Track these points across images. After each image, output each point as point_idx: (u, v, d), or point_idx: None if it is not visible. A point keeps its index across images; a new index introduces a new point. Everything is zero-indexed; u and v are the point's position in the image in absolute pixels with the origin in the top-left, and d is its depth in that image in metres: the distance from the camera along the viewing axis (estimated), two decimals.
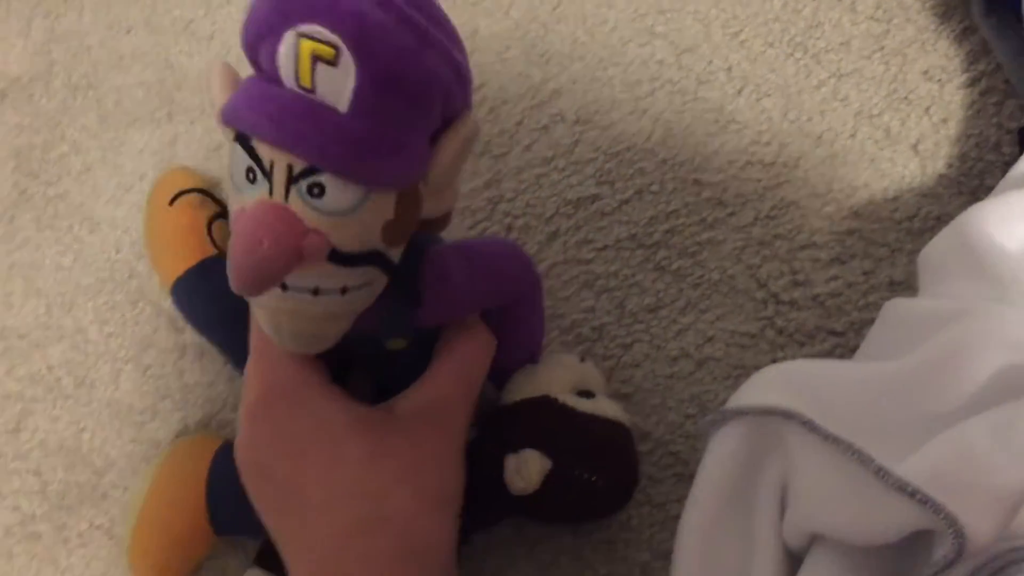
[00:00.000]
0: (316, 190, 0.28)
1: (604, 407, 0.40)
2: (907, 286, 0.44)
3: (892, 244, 0.45)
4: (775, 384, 0.36)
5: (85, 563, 0.47)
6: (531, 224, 0.49)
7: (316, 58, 0.26)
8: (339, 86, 0.27)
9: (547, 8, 0.54)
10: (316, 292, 0.30)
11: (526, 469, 0.37)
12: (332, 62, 0.26)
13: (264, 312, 0.32)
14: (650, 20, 0.53)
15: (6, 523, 0.48)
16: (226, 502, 0.41)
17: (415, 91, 0.28)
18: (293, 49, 0.27)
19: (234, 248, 0.28)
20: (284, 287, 0.30)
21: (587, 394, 0.40)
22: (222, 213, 0.31)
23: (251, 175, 0.29)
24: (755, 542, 0.35)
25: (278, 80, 0.28)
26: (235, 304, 0.45)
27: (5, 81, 0.60)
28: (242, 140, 0.29)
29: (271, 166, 0.28)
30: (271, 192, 0.28)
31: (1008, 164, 0.44)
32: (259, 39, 0.28)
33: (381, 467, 0.34)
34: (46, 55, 0.60)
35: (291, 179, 0.28)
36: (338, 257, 0.29)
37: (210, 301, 0.46)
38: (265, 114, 0.28)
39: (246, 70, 0.30)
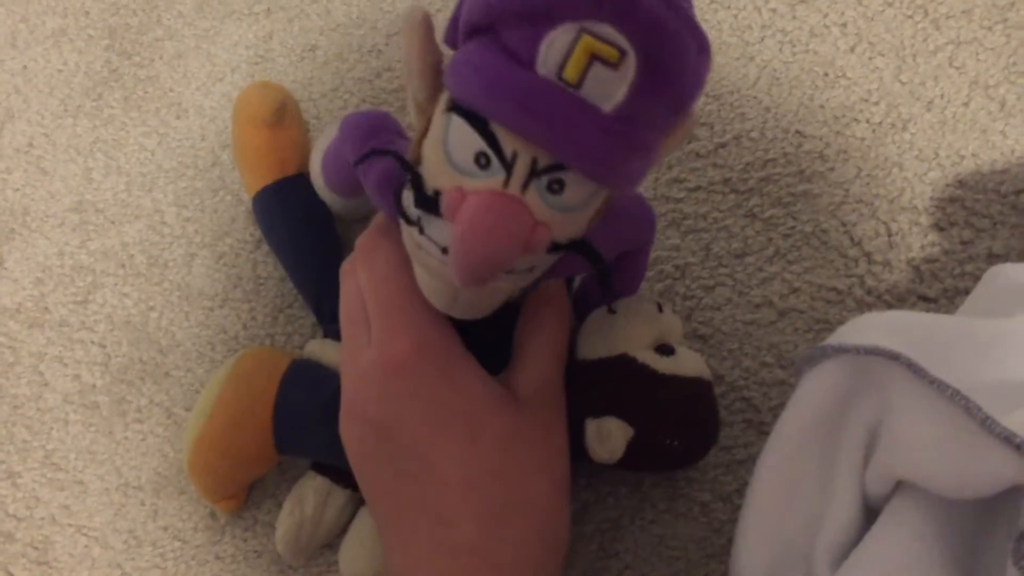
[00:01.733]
0: (556, 186, 0.26)
1: (685, 363, 0.38)
2: (1006, 260, 0.43)
3: (995, 216, 0.44)
4: (878, 327, 0.35)
5: (141, 437, 0.47)
6: None
7: (595, 57, 0.24)
8: (611, 89, 0.24)
9: None
10: (509, 271, 0.29)
11: (609, 440, 0.36)
12: (613, 64, 0.24)
13: (443, 282, 0.31)
14: None
15: (65, 390, 0.49)
16: (293, 425, 0.41)
17: (683, 98, 0.26)
18: (570, 44, 0.24)
19: (466, 240, 0.26)
20: None
21: (666, 348, 0.38)
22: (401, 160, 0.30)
23: (483, 160, 0.26)
24: (834, 483, 0.35)
25: (522, 61, 0.24)
26: (304, 229, 0.46)
27: None
28: (474, 120, 0.26)
29: (513, 156, 0.26)
30: (506, 182, 0.26)
31: None
32: (521, 19, 0.24)
33: (518, 452, 0.33)
34: None
35: (533, 173, 0.26)
36: (552, 246, 0.28)
37: (283, 221, 0.46)
38: (521, 104, 0.25)
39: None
